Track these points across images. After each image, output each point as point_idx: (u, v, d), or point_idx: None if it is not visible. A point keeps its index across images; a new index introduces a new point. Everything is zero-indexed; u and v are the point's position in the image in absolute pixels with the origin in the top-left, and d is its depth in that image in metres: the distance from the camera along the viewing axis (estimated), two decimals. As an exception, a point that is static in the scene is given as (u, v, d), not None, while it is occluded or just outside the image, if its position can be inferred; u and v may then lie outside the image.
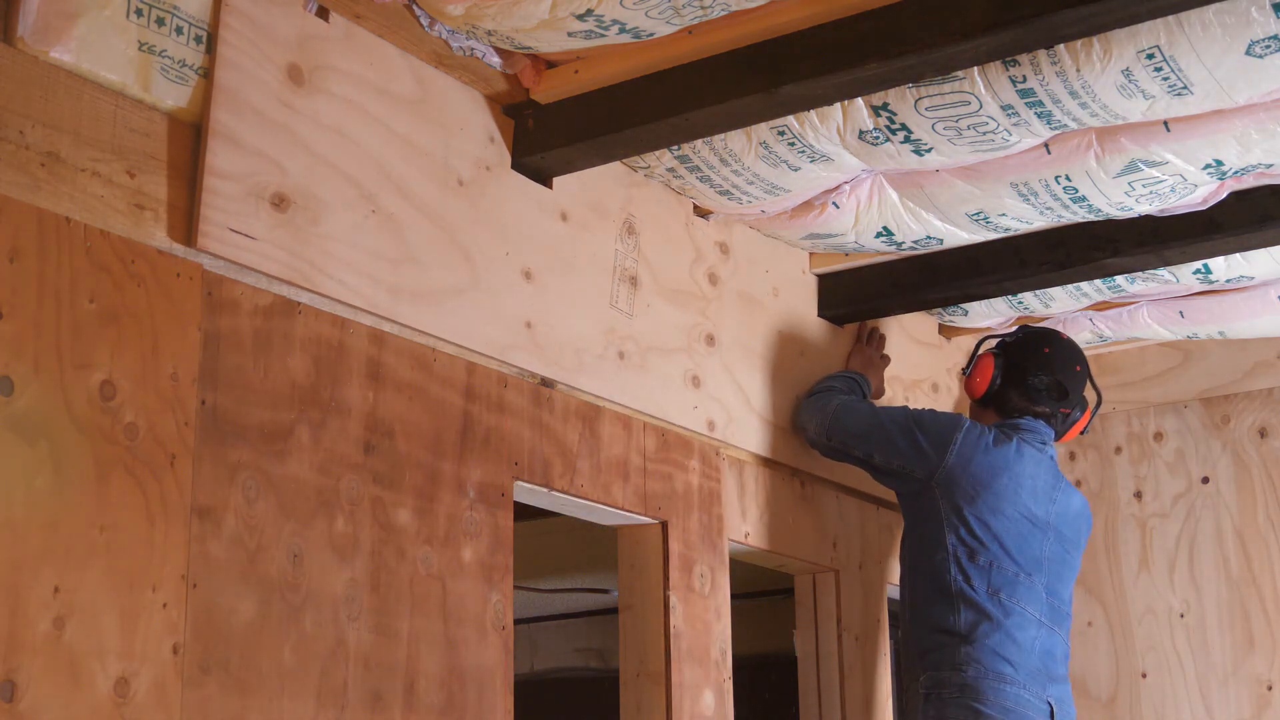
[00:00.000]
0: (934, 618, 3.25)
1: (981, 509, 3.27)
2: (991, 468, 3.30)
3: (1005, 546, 3.26)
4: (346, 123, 2.52)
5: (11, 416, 1.97)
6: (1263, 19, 2.47)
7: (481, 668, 2.62)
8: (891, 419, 3.40)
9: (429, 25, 2.60)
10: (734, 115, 2.72)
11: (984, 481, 3.29)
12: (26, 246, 2.03)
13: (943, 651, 3.21)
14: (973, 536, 3.26)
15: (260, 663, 2.24)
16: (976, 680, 3.15)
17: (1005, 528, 3.27)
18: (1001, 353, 3.52)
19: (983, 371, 3.52)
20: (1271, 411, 4.09)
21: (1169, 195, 3.08)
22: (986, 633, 3.19)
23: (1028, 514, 3.31)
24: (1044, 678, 3.22)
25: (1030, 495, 3.32)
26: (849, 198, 3.22)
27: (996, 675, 3.16)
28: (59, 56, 2.11)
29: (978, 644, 3.18)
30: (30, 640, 1.95)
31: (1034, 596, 3.27)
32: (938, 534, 3.29)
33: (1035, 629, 3.24)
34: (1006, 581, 3.23)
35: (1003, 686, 3.15)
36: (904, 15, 2.47)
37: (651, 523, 3.14)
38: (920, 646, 3.27)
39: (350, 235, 2.50)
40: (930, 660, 3.23)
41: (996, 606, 3.21)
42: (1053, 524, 3.35)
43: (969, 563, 3.24)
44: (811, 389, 3.56)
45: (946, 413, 3.45)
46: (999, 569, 3.24)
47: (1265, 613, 4.01)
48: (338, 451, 2.43)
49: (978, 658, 3.17)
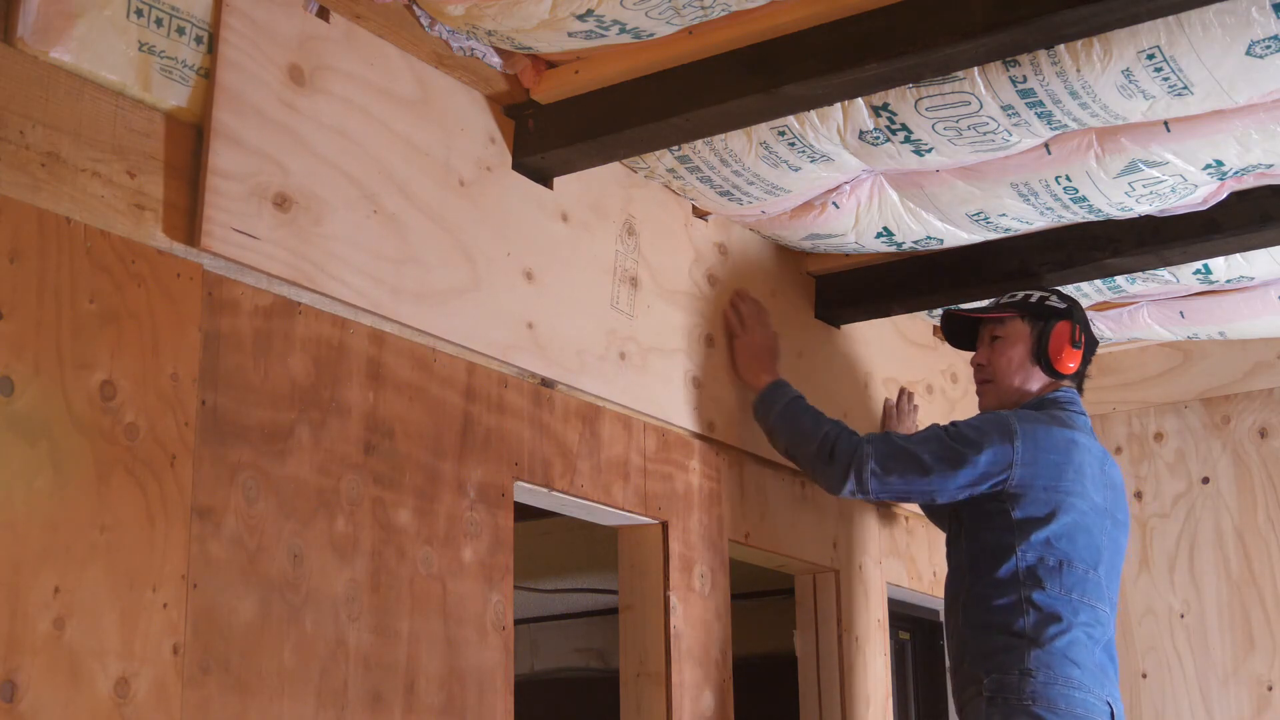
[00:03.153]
0: (999, 619, 3.10)
1: (1053, 510, 3.12)
2: (1057, 466, 3.14)
3: (1075, 543, 3.12)
4: (348, 123, 2.52)
5: (12, 416, 1.97)
6: (1263, 19, 2.47)
7: (482, 668, 2.62)
8: (936, 455, 3.14)
9: (429, 25, 2.60)
10: (734, 115, 2.72)
11: (1052, 483, 3.13)
12: (27, 246, 2.03)
13: (1010, 654, 3.06)
14: (1042, 542, 3.10)
15: (260, 663, 2.24)
16: (1046, 686, 3.02)
17: (1074, 523, 3.13)
18: (1080, 321, 3.33)
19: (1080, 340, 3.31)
20: (1272, 412, 4.09)
21: (1169, 195, 3.08)
22: (1054, 635, 3.06)
23: (1091, 505, 3.18)
24: (1103, 676, 3.10)
25: (1093, 484, 3.19)
26: (849, 198, 3.22)
27: (1065, 680, 3.04)
28: (59, 56, 2.11)
29: (1046, 646, 3.05)
30: (30, 640, 1.95)
31: (1099, 592, 3.15)
32: (1004, 539, 3.13)
33: (1099, 627, 3.12)
34: (1076, 581, 3.10)
35: (1071, 692, 3.03)
36: (904, 15, 2.47)
37: (652, 523, 3.14)
38: (983, 648, 3.11)
39: (352, 235, 2.50)
40: (995, 663, 3.08)
41: (1066, 606, 3.08)
42: (1108, 509, 3.23)
43: (1038, 564, 3.10)
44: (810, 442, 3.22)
45: (992, 416, 3.22)
46: (1069, 568, 3.10)
47: (1265, 613, 4.01)
48: (338, 451, 2.43)
49: (1047, 662, 3.04)
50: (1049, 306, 3.34)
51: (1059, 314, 3.33)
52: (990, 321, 3.40)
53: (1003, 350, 3.36)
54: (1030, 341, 3.33)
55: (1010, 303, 3.38)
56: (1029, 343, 3.34)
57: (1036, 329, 3.33)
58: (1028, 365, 3.34)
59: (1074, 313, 3.34)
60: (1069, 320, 3.32)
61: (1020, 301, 3.37)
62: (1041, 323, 3.32)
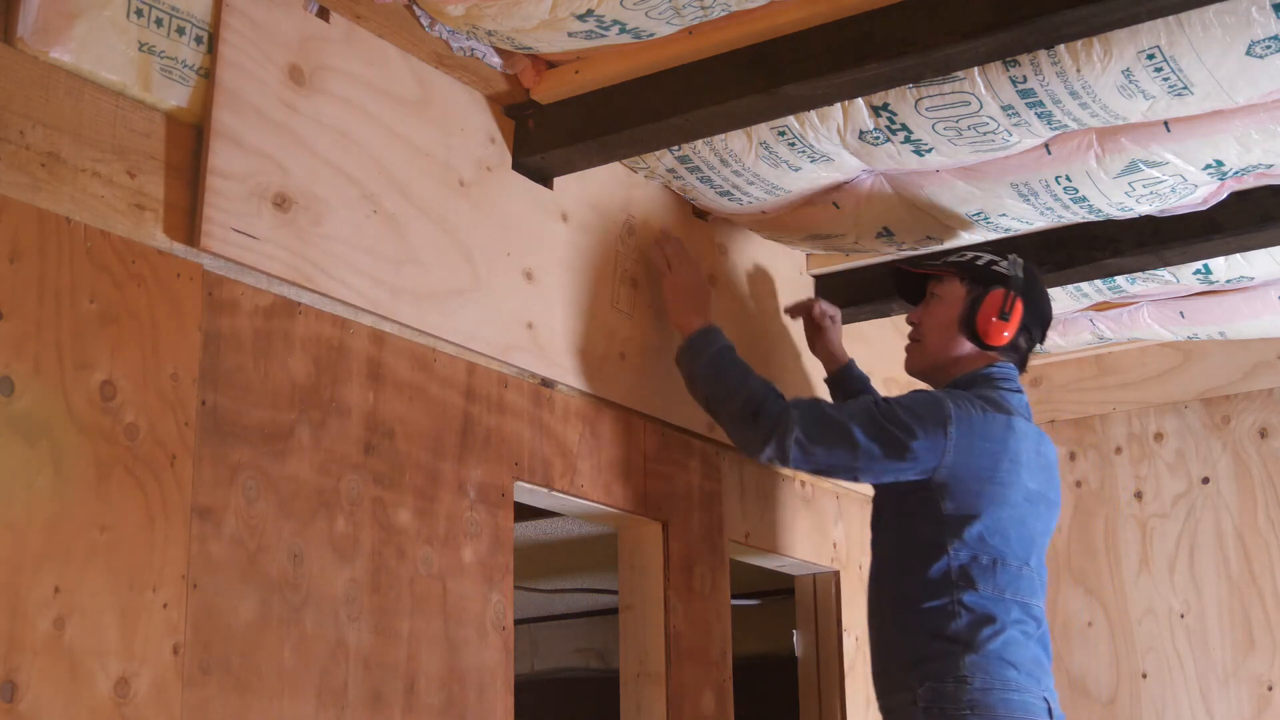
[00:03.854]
0: (930, 623, 2.90)
1: (985, 503, 2.92)
2: (992, 455, 2.93)
3: (1008, 539, 2.94)
4: (348, 123, 2.52)
5: (12, 416, 1.97)
6: (1263, 19, 2.47)
7: (482, 668, 2.62)
8: (867, 432, 2.91)
9: (429, 25, 2.60)
10: (734, 115, 2.72)
11: (986, 474, 2.93)
12: (27, 247, 2.03)
13: (944, 661, 2.87)
14: (974, 537, 2.91)
15: (260, 663, 2.24)
16: (984, 692, 2.84)
17: (1008, 517, 2.94)
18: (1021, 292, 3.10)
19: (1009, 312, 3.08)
20: (1272, 412, 4.09)
21: (1169, 195, 3.08)
22: (989, 637, 2.88)
23: (1026, 494, 2.98)
24: (1039, 672, 2.92)
25: (1028, 471, 2.98)
26: (849, 198, 3.22)
27: (1003, 683, 2.86)
28: (59, 57, 2.11)
29: (982, 650, 2.86)
30: (30, 640, 1.95)
31: (1032, 586, 2.97)
32: (935, 535, 2.93)
33: (1032, 623, 2.95)
34: (1010, 578, 2.93)
35: (1009, 695, 2.86)
36: (904, 15, 2.47)
37: (652, 523, 3.14)
38: (914, 654, 2.91)
39: (352, 236, 2.50)
40: (929, 670, 2.88)
41: (999, 606, 2.90)
42: (1042, 492, 3.03)
43: (971, 563, 2.90)
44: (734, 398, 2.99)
45: (921, 398, 2.97)
46: (1003, 566, 2.93)
47: (1265, 613, 4.01)
48: (338, 451, 2.43)
49: (983, 666, 2.86)
50: (993, 271, 3.12)
51: (998, 281, 3.10)
52: (930, 278, 3.20)
53: (934, 311, 3.16)
54: (962, 307, 3.11)
55: (955, 261, 3.18)
56: (960, 308, 3.12)
57: (972, 294, 3.11)
58: (954, 332, 3.11)
59: (1015, 282, 3.09)
60: (1005, 289, 3.08)
61: (965, 262, 3.16)
62: (979, 288, 3.10)
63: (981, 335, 3.07)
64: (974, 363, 3.09)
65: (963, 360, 3.10)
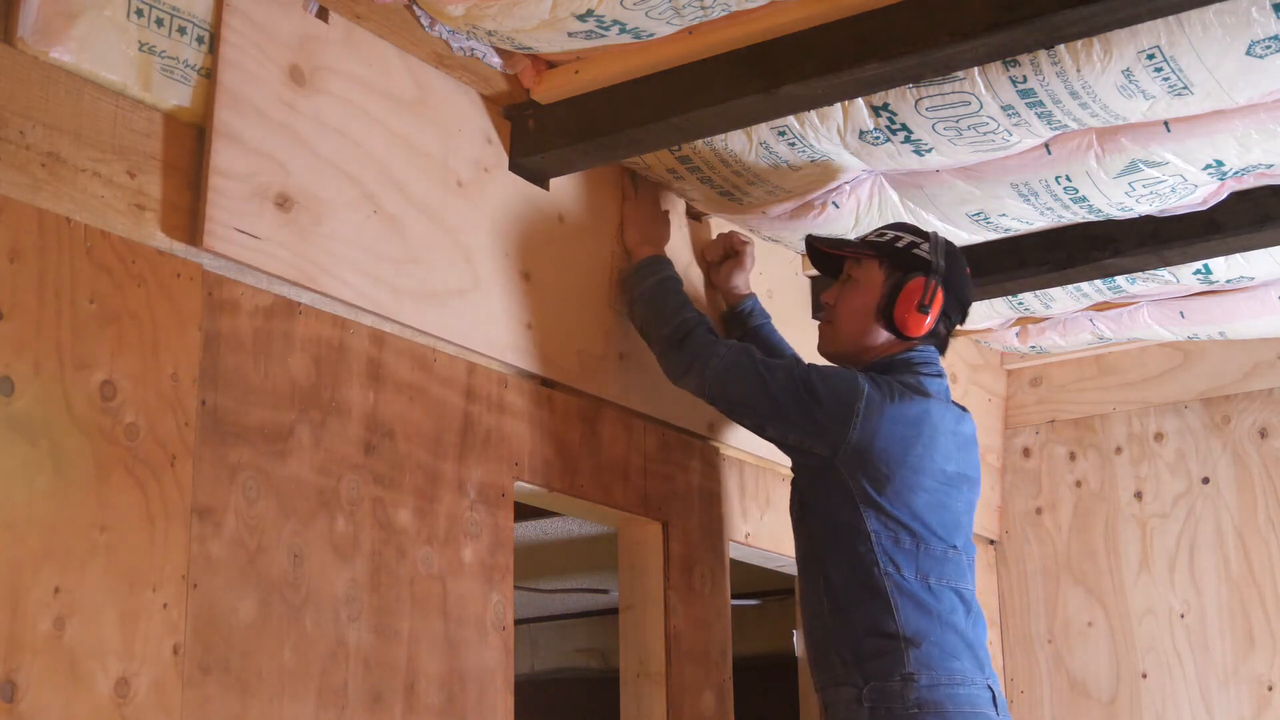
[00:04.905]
0: (868, 619, 2.80)
1: (899, 487, 2.81)
2: (903, 439, 2.82)
3: (929, 524, 2.82)
4: (348, 123, 2.52)
5: (12, 416, 1.97)
6: (1263, 19, 2.47)
7: (482, 668, 2.62)
8: (782, 386, 2.84)
9: (429, 25, 2.60)
10: (734, 115, 2.72)
11: (896, 457, 2.82)
12: (27, 247, 2.03)
13: (887, 659, 2.77)
14: (894, 521, 2.80)
15: (260, 663, 2.24)
16: (931, 689, 2.75)
17: (926, 502, 2.83)
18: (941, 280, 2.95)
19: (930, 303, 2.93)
20: (1272, 412, 4.09)
21: (1169, 195, 3.08)
22: (929, 629, 2.78)
23: (944, 477, 2.87)
24: (979, 659, 2.83)
25: (944, 454, 2.87)
26: (849, 198, 3.22)
27: (949, 678, 2.77)
28: (59, 57, 2.11)
29: (924, 645, 2.77)
30: (30, 640, 1.95)
31: (961, 570, 2.87)
32: (854, 520, 2.82)
33: (964, 609, 2.85)
34: (935, 563, 2.82)
35: (956, 690, 2.77)
36: (904, 15, 2.47)
37: (652, 523, 3.14)
38: (855, 653, 2.80)
39: (353, 235, 2.50)
40: (872, 669, 2.78)
41: (929, 595, 2.80)
42: (962, 472, 2.92)
43: (895, 549, 2.80)
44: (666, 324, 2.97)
45: (839, 372, 2.87)
46: (926, 551, 2.82)
47: (1265, 613, 4.01)
48: (338, 452, 2.43)
49: (929, 662, 2.76)
50: (914, 256, 2.95)
51: (920, 268, 2.94)
52: (848, 258, 3.04)
53: (850, 295, 3.00)
54: (880, 293, 2.96)
55: (874, 242, 3.01)
56: (878, 294, 2.96)
57: (891, 280, 2.95)
58: (870, 319, 2.97)
59: (937, 268, 2.94)
60: (926, 278, 2.92)
61: (884, 244, 2.99)
62: (898, 274, 2.95)
63: (899, 326, 2.93)
64: (891, 348, 2.97)
65: (879, 346, 2.98)
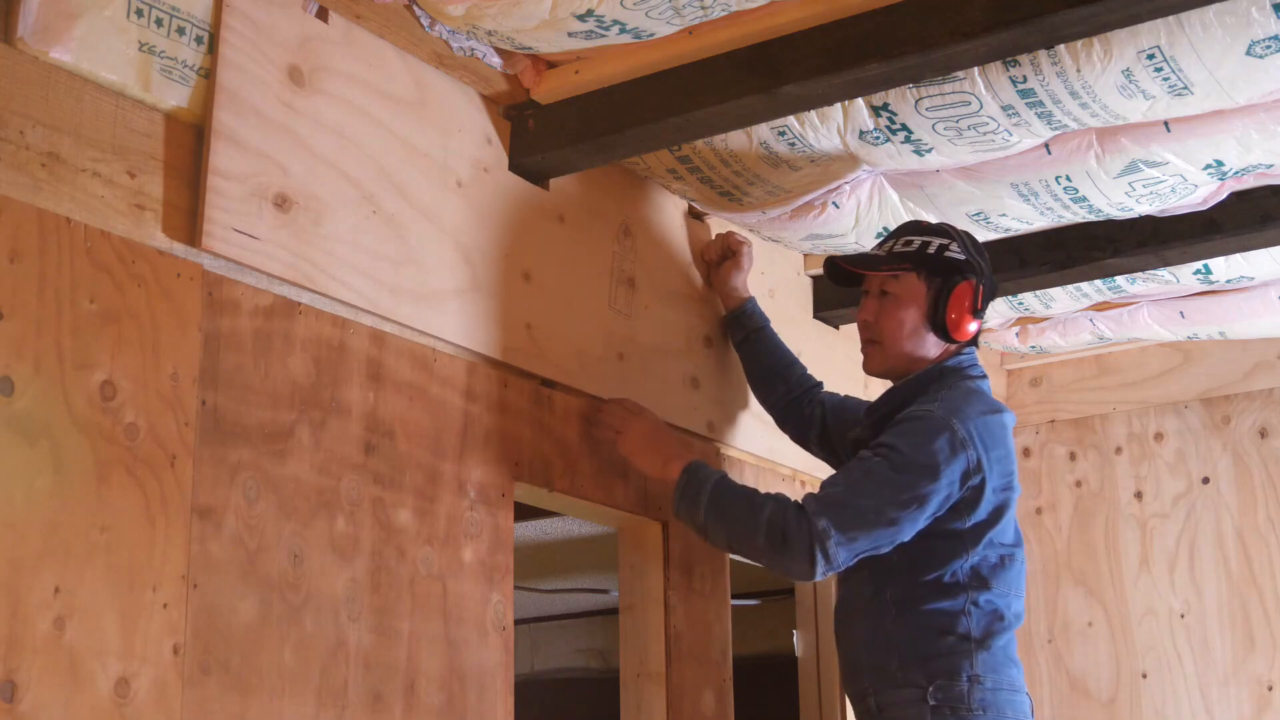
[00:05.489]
0: (938, 618, 2.78)
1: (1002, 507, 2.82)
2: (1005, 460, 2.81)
3: (1007, 534, 2.84)
4: (347, 123, 2.52)
5: (12, 416, 1.97)
6: (1263, 19, 2.47)
7: (482, 668, 2.62)
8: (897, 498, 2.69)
9: (429, 25, 2.60)
10: (734, 115, 2.72)
11: (1004, 480, 2.82)
12: (27, 247, 2.03)
13: (955, 658, 2.75)
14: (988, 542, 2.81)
15: (260, 663, 2.24)
16: (994, 693, 2.75)
17: (1010, 514, 2.85)
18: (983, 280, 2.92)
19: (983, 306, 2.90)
20: (1272, 412, 4.09)
21: (1169, 195, 3.08)
22: (997, 633, 2.78)
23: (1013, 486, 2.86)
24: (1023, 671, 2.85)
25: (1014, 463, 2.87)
26: (849, 198, 3.22)
27: (1010, 684, 2.78)
28: (59, 57, 2.11)
29: (992, 649, 2.77)
30: (30, 640, 1.95)
31: (1021, 580, 2.86)
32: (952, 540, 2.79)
33: (1017, 619, 2.85)
34: (1013, 574, 2.84)
35: (1016, 696, 2.79)
36: (904, 15, 2.47)
37: (652, 523, 3.14)
38: (920, 650, 2.78)
39: (352, 236, 2.50)
40: (939, 667, 2.76)
41: (1004, 603, 2.81)
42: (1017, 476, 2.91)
43: (981, 563, 2.80)
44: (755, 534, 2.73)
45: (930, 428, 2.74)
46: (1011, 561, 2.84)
47: (1265, 613, 4.01)
48: (338, 452, 2.43)
49: (994, 665, 2.76)
50: (949, 259, 2.89)
51: (961, 270, 2.89)
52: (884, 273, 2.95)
53: (894, 310, 2.91)
54: (926, 303, 2.89)
55: (907, 254, 2.92)
56: (924, 304, 2.89)
57: (934, 287, 2.89)
58: (921, 330, 2.90)
59: (977, 268, 2.91)
60: (972, 280, 2.89)
61: (916, 252, 2.91)
62: (939, 279, 2.89)
63: (954, 333, 2.89)
64: (939, 356, 2.92)
65: (931, 356, 2.92)
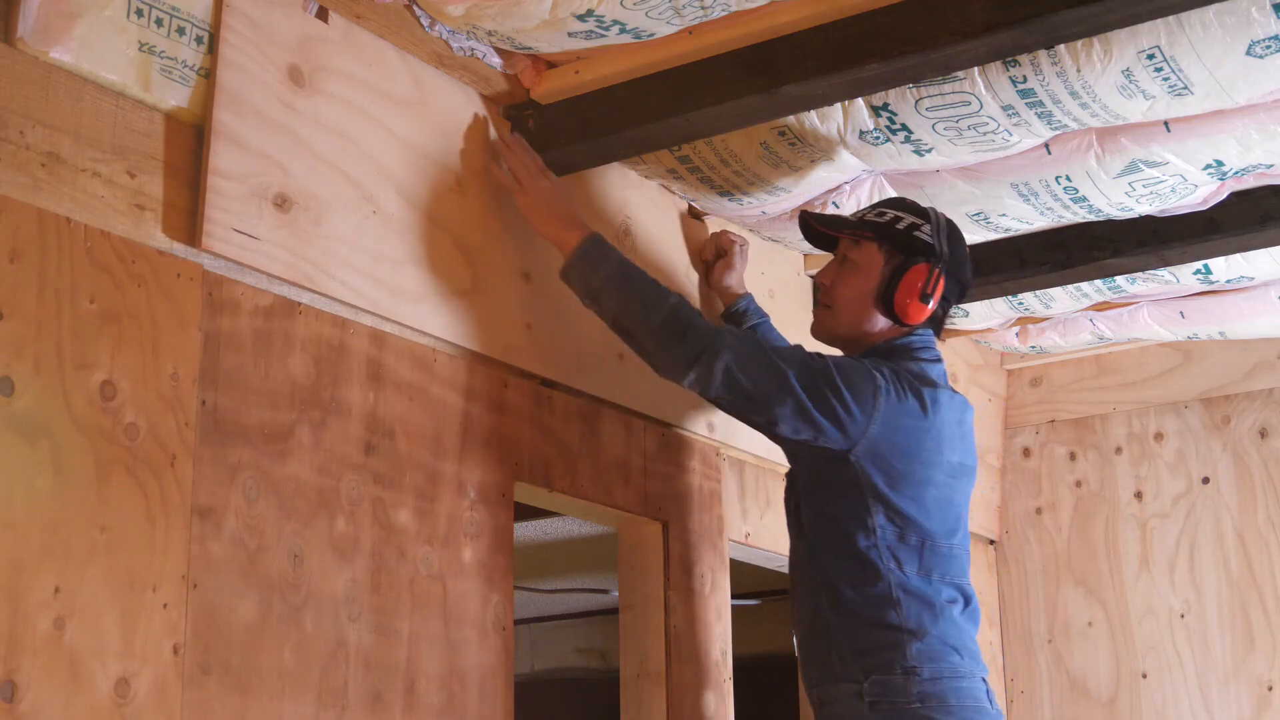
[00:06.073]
0: (870, 613, 2.71)
1: (911, 482, 2.72)
2: (916, 432, 2.73)
3: (934, 517, 2.74)
4: (347, 123, 2.52)
5: (12, 416, 1.97)
6: (1263, 19, 2.48)
7: (482, 668, 2.62)
8: (799, 379, 2.65)
9: (429, 25, 2.60)
10: (734, 115, 2.72)
11: (909, 451, 2.72)
12: (27, 247, 2.03)
13: (888, 652, 2.69)
14: (901, 516, 2.72)
15: (260, 663, 2.24)
16: (933, 682, 2.68)
17: (934, 496, 2.75)
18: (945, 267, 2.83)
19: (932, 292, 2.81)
20: (1272, 412, 4.09)
21: (1169, 195, 3.08)
22: (932, 623, 2.70)
23: (950, 469, 2.78)
24: (976, 653, 2.77)
25: (950, 445, 2.78)
26: (849, 198, 3.22)
27: (952, 672, 2.70)
28: (59, 57, 2.11)
29: (926, 638, 2.69)
30: (30, 640, 1.95)
31: (962, 565, 2.80)
32: (860, 515, 2.72)
33: (965, 604, 2.78)
34: (939, 559, 2.75)
35: (959, 684, 2.70)
36: (904, 15, 2.47)
37: (652, 523, 3.14)
38: (855, 647, 2.72)
39: (352, 236, 2.50)
40: (873, 662, 2.70)
41: (932, 589, 2.72)
42: (965, 461, 2.83)
43: (899, 544, 2.72)
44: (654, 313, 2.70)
45: (854, 364, 2.73)
46: (931, 547, 2.74)
47: (1266, 613, 4.01)
48: (338, 452, 2.43)
49: (931, 655, 2.69)
50: (914, 239, 2.81)
51: (923, 253, 2.81)
52: (846, 238, 2.89)
53: (848, 278, 2.86)
54: (880, 278, 2.82)
55: (874, 222, 2.86)
56: (878, 278, 2.83)
57: (892, 264, 2.82)
58: (869, 304, 2.84)
59: (940, 253, 2.82)
60: (930, 264, 2.80)
61: (885, 225, 2.84)
62: (900, 257, 2.82)
63: (900, 314, 2.81)
64: (890, 334, 2.85)
65: (878, 333, 2.86)
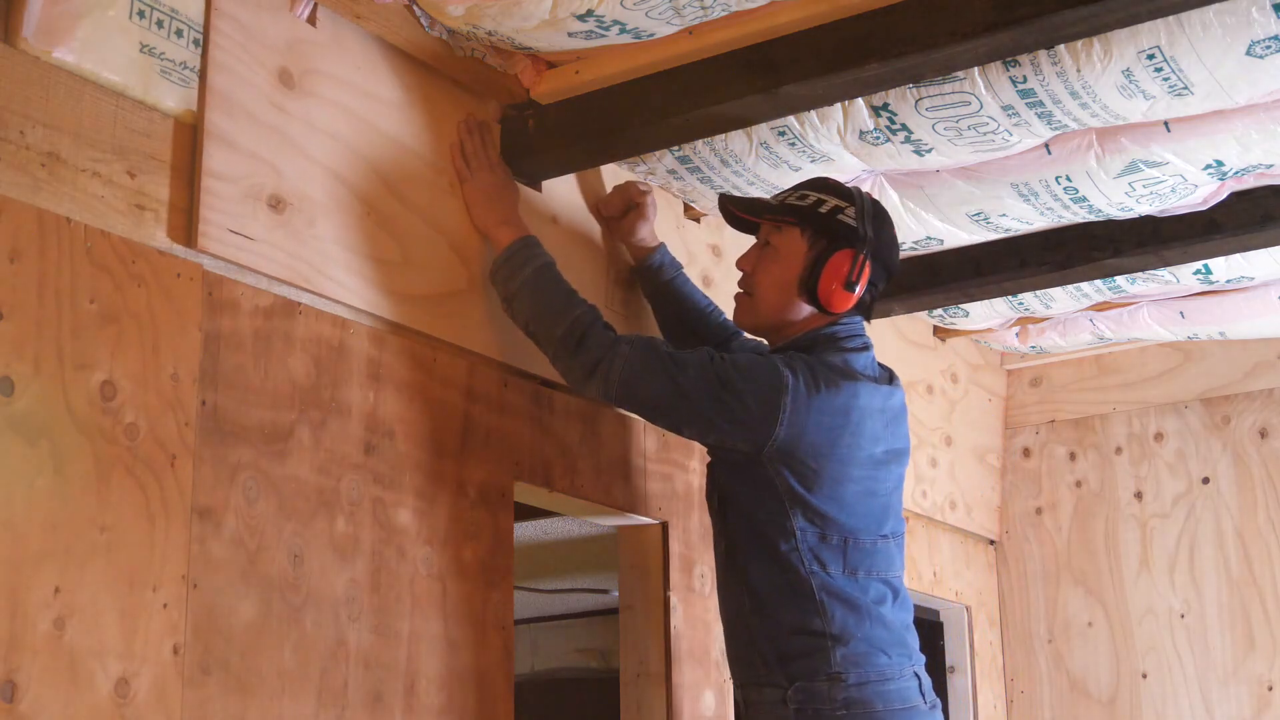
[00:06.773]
0: (792, 618, 2.63)
1: (827, 481, 2.62)
2: (830, 430, 2.61)
3: (857, 516, 2.65)
4: (340, 125, 2.52)
5: (12, 416, 1.97)
6: (1263, 19, 2.48)
7: (482, 668, 2.62)
8: (696, 384, 2.59)
9: (429, 25, 2.60)
10: (734, 115, 2.72)
11: (824, 451, 2.61)
12: (27, 247, 2.03)
13: (812, 658, 2.61)
14: (821, 516, 2.62)
15: (260, 663, 2.24)
16: (860, 688, 2.59)
17: (855, 492, 2.65)
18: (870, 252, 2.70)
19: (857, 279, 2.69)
20: (1272, 412, 4.09)
21: (1169, 195, 3.08)
22: (857, 625, 2.61)
23: (872, 463, 2.67)
24: (906, 647, 2.67)
25: (871, 437, 2.66)
26: (849, 198, 3.22)
27: (879, 674, 2.60)
28: (62, 57, 2.11)
29: (851, 642, 2.60)
30: (30, 640, 1.95)
31: (890, 558, 2.70)
32: (778, 517, 2.63)
33: (892, 595, 2.68)
34: (864, 556, 2.65)
35: (886, 687, 2.61)
36: (904, 15, 2.47)
37: (652, 523, 3.14)
38: (777, 651, 2.64)
39: (348, 237, 2.50)
40: (797, 668, 2.61)
41: (857, 589, 2.63)
42: (892, 448, 2.72)
43: (821, 545, 2.62)
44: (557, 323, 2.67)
45: (759, 363, 2.63)
46: (855, 545, 2.64)
47: (1265, 613, 4.02)
48: (338, 452, 2.43)
49: (857, 660, 2.60)
50: (838, 223, 2.69)
51: (846, 238, 2.69)
52: (767, 222, 2.78)
53: (769, 265, 2.75)
54: (803, 265, 2.70)
55: (795, 206, 2.74)
56: (800, 265, 2.71)
57: (814, 251, 2.70)
58: (792, 291, 2.72)
59: (865, 237, 2.70)
60: (854, 250, 2.68)
61: (806, 209, 2.72)
62: (823, 242, 2.70)
63: (824, 303, 2.70)
64: (814, 323, 2.74)
65: (801, 321, 2.75)
